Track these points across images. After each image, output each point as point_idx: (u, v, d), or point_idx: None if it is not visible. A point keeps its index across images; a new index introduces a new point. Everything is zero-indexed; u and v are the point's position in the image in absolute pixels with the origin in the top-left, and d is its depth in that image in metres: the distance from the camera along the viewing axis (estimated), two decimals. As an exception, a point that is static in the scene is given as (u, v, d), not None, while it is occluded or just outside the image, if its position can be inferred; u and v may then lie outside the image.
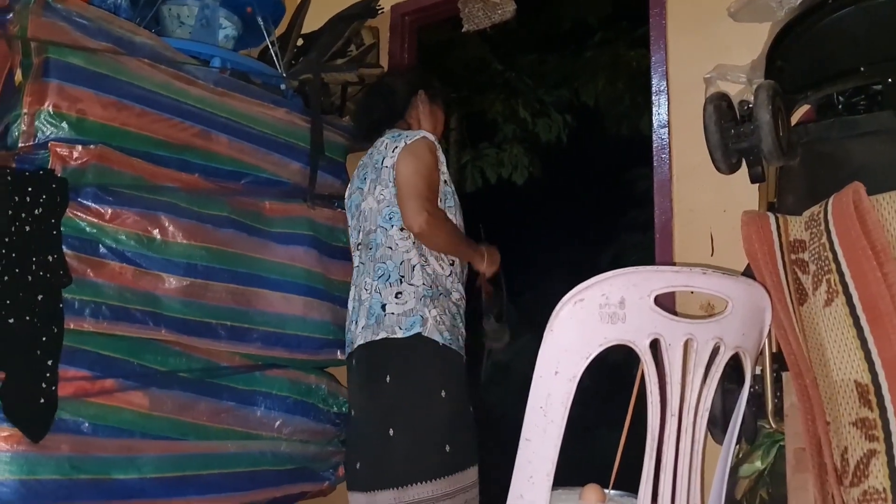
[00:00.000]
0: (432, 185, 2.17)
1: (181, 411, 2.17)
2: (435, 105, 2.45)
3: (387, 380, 2.07)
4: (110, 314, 2.04)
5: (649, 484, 1.26)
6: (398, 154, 2.18)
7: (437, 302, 2.11)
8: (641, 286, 1.24)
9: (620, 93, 6.07)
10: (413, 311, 2.08)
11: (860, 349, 1.35)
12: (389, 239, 2.16)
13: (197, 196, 2.27)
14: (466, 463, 2.07)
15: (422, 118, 2.40)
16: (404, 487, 2.00)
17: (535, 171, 6.28)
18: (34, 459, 1.88)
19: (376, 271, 2.16)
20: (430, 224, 2.08)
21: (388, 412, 2.06)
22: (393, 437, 2.03)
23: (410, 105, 2.40)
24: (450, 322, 2.13)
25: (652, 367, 1.25)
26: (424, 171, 2.15)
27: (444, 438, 2.04)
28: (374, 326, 2.11)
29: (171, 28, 2.60)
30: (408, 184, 2.13)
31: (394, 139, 2.24)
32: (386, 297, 2.11)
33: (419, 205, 2.09)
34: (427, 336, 2.06)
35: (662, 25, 2.44)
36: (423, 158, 2.17)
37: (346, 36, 2.83)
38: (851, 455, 1.33)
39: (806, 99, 1.80)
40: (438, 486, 2.01)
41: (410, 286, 2.11)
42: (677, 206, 2.35)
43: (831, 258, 1.42)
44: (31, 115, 1.97)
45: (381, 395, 2.08)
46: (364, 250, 2.25)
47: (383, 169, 2.21)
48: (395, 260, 2.14)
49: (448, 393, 2.06)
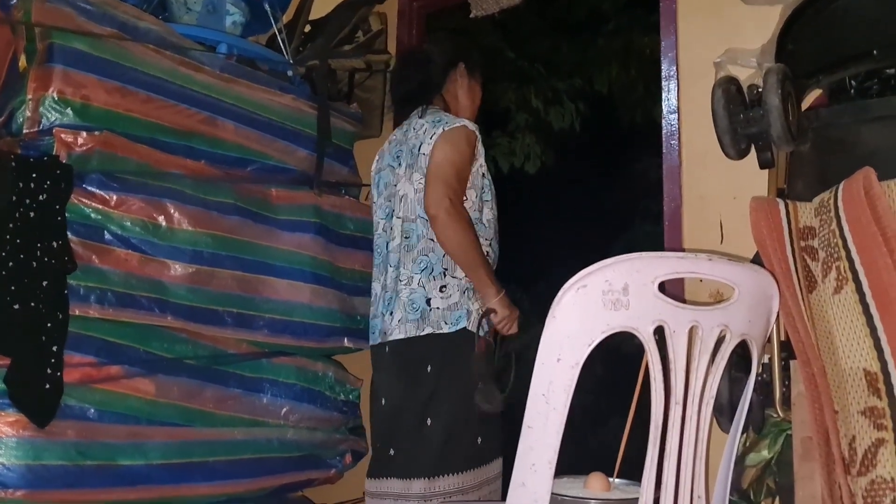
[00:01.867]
0: (462, 175, 2.11)
1: (187, 398, 2.18)
2: (473, 80, 2.37)
3: (428, 370, 2.06)
4: (116, 301, 2.05)
5: (653, 472, 1.25)
6: (435, 141, 2.11)
7: (478, 294, 2.09)
8: (645, 272, 1.23)
9: (634, 80, 6.01)
10: (458, 305, 2.06)
11: (869, 337, 1.33)
12: (431, 231, 2.09)
13: (203, 183, 2.27)
14: (493, 455, 2.09)
15: (459, 93, 2.33)
16: (434, 478, 2.01)
17: (548, 160, 6.24)
18: (40, 445, 1.90)
19: (418, 264, 2.11)
20: (449, 213, 2.00)
21: (427, 402, 2.04)
22: (430, 427, 2.03)
23: (448, 78, 2.32)
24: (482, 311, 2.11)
25: (655, 354, 1.23)
26: (458, 161, 2.09)
27: (477, 431, 2.04)
28: (417, 321, 2.07)
29: (178, 14, 2.59)
30: (437, 169, 2.07)
31: (433, 124, 2.15)
32: (430, 290, 2.08)
33: (443, 191, 2.02)
34: (472, 330, 2.04)
35: (673, 9, 2.40)
36: (459, 148, 2.11)
37: (354, 22, 2.82)
38: (859, 444, 1.31)
39: (817, 83, 1.77)
40: (467, 478, 2.02)
41: (454, 279, 2.08)
42: (687, 192, 2.32)
43: (841, 245, 1.40)
44: (36, 100, 1.97)
45: (420, 386, 2.06)
46: (401, 239, 2.17)
47: (420, 156, 2.14)
48: (437, 252, 2.09)
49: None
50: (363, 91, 2.94)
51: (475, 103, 2.37)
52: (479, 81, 2.39)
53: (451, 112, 2.28)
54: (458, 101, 2.32)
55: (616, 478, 1.48)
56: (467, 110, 2.33)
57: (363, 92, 2.94)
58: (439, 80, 2.30)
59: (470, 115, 2.32)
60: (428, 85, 2.29)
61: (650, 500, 1.26)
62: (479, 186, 2.18)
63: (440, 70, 2.31)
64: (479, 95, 2.39)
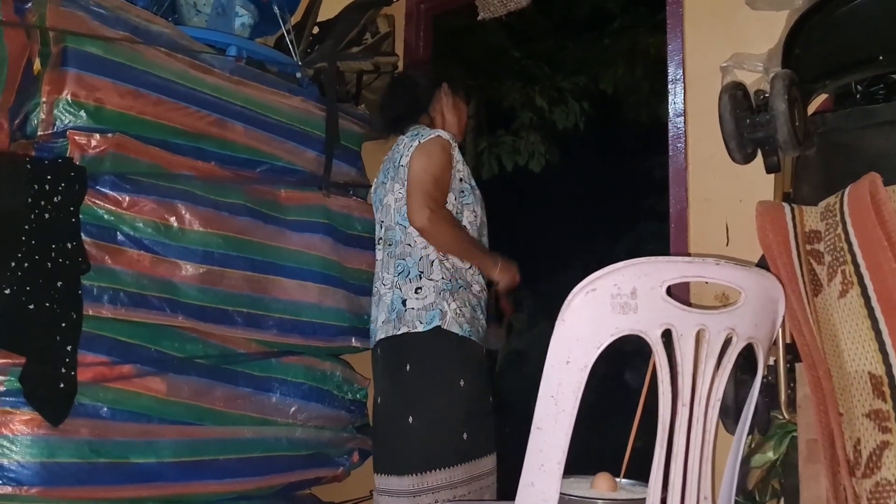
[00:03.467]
0: (441, 183, 2.19)
1: (198, 397, 2.20)
2: (458, 97, 2.46)
3: (407, 368, 2.13)
4: (128, 301, 2.07)
5: (660, 472, 1.27)
6: (412, 153, 2.21)
7: (456, 295, 2.15)
8: (653, 276, 1.24)
9: (639, 80, 6.01)
10: (433, 306, 2.13)
11: (874, 340, 1.34)
12: (408, 236, 2.20)
13: (213, 184, 2.29)
14: (483, 451, 2.11)
15: (445, 111, 2.42)
16: (423, 474, 2.05)
17: (552, 159, 6.24)
18: (54, 443, 1.92)
19: (396, 267, 2.21)
20: (432, 221, 2.11)
21: (408, 400, 2.11)
22: (412, 424, 2.08)
23: (434, 98, 2.42)
24: (470, 314, 2.16)
25: (663, 357, 1.25)
26: (433, 170, 2.18)
27: (462, 427, 2.08)
28: (395, 321, 2.16)
29: (188, 16, 2.61)
30: (414, 181, 2.17)
31: (411, 138, 2.27)
32: (406, 292, 2.16)
33: (422, 202, 2.12)
34: (446, 329, 2.11)
35: (679, 13, 2.42)
36: (434, 157, 2.20)
37: (362, 24, 2.83)
38: (864, 446, 1.33)
39: (824, 88, 1.79)
40: (456, 472, 2.05)
41: (430, 281, 2.15)
42: (692, 195, 2.33)
43: (846, 249, 1.41)
44: (50, 103, 1.99)
45: (401, 384, 2.13)
46: (385, 246, 2.30)
47: (400, 167, 2.25)
48: (414, 256, 2.19)
49: (467, 382, 2.10)
50: (371, 93, 2.96)
51: (461, 120, 2.46)
52: (464, 99, 2.49)
53: (437, 128, 2.35)
54: (444, 119, 2.41)
55: (623, 478, 1.50)
56: (453, 126, 2.41)
57: (371, 93, 2.96)
58: (425, 101, 2.41)
59: (457, 130, 2.42)
60: (414, 106, 2.40)
61: (657, 501, 1.27)
62: (457, 190, 2.26)
63: (424, 91, 2.42)
64: (464, 112, 2.49)
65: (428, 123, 2.38)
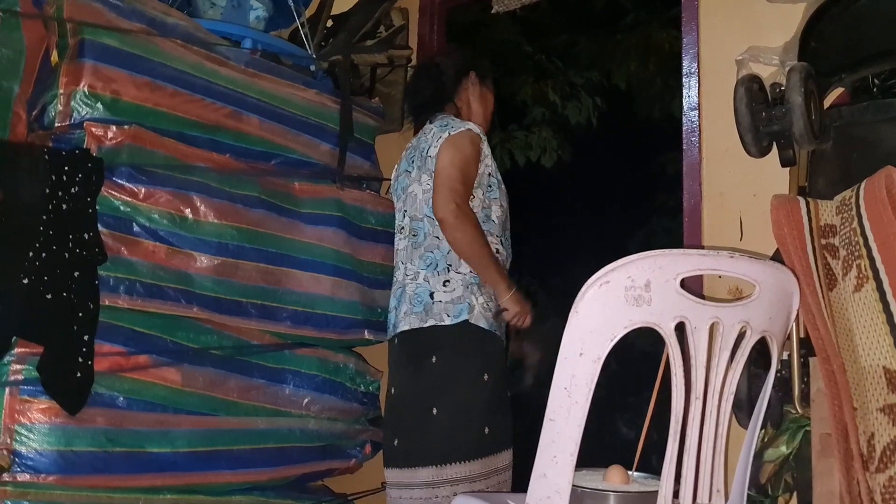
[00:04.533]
0: (467, 178, 2.17)
1: (212, 387, 2.22)
2: (485, 87, 2.44)
3: (433, 360, 2.12)
4: (144, 291, 2.09)
5: (672, 465, 1.27)
6: (441, 144, 2.19)
7: (484, 289, 2.15)
8: (667, 269, 1.25)
9: (652, 75, 5.97)
10: (461, 299, 2.12)
11: (889, 335, 1.34)
12: (436, 228, 2.18)
13: (228, 176, 2.30)
14: (502, 446, 2.12)
15: (471, 100, 2.40)
16: (442, 466, 2.05)
17: (564, 155, 6.22)
18: (71, 432, 1.94)
19: (424, 260, 2.19)
20: (456, 216, 2.09)
21: (432, 392, 2.10)
22: (435, 416, 2.08)
23: (460, 87, 2.40)
24: (495, 309, 2.16)
25: (677, 349, 1.25)
26: (461, 164, 2.16)
27: (483, 421, 2.09)
28: (421, 314, 2.15)
29: (203, 9, 2.62)
30: (442, 174, 2.15)
31: (441, 128, 2.24)
32: (434, 285, 2.15)
33: (449, 196, 2.11)
34: (473, 323, 2.11)
35: (695, 6, 2.40)
36: (463, 150, 2.18)
37: (376, 17, 2.83)
38: (878, 441, 1.33)
39: (840, 81, 1.78)
40: (475, 466, 2.06)
41: (458, 274, 2.15)
42: (706, 189, 2.33)
43: (862, 243, 1.41)
44: (67, 95, 2.01)
45: (426, 376, 2.13)
46: (409, 236, 2.27)
47: (428, 158, 2.23)
48: (442, 249, 2.17)
49: (490, 377, 2.11)
50: (385, 86, 2.96)
51: (487, 109, 2.44)
52: (491, 89, 2.46)
53: (464, 119, 2.33)
54: (471, 108, 2.39)
55: (635, 471, 1.50)
56: (479, 116, 2.39)
57: (385, 87, 2.96)
58: (451, 89, 2.38)
59: (482, 120, 2.39)
60: (440, 94, 2.37)
61: (670, 494, 1.28)
62: (485, 185, 2.25)
63: (452, 79, 2.39)
64: (491, 102, 2.46)
65: (454, 112, 2.35)
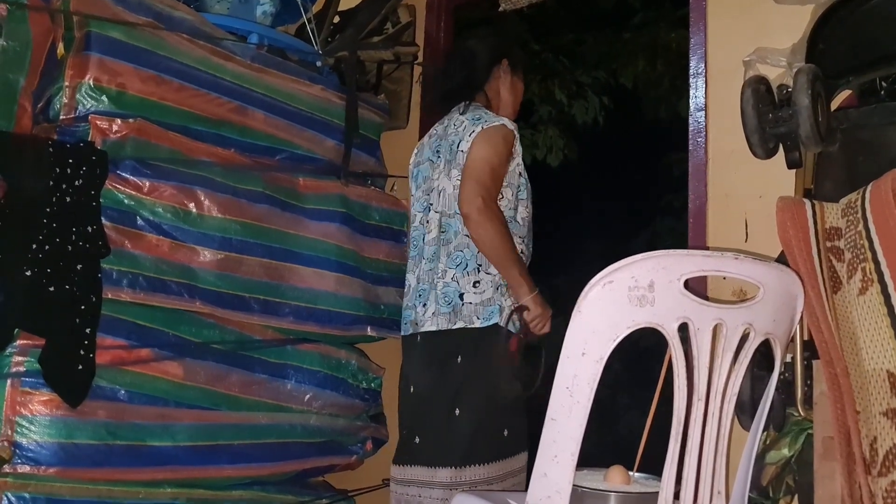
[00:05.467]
0: (498, 175, 2.11)
1: (214, 382, 2.22)
2: (516, 76, 2.36)
3: (458, 360, 2.09)
4: (147, 285, 2.09)
5: (673, 466, 1.27)
6: (474, 139, 2.12)
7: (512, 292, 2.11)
8: (671, 269, 1.24)
9: (659, 75, 5.96)
10: (491, 301, 2.09)
11: (893, 339, 1.33)
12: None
13: (232, 171, 2.31)
14: (519, 448, 2.12)
15: (502, 90, 2.32)
16: (461, 468, 2.04)
17: (571, 154, 6.21)
18: (72, 424, 1.94)
19: (453, 259, 2.14)
20: (481, 212, 2.01)
21: (456, 393, 2.07)
22: (458, 417, 2.06)
23: (492, 74, 2.31)
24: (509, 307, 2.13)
25: (680, 350, 1.25)
26: (494, 160, 2.10)
27: (504, 423, 2.08)
28: (449, 314, 2.11)
29: (211, 3, 2.62)
30: (473, 168, 2.08)
31: (473, 122, 2.16)
32: (464, 285, 2.10)
33: (476, 190, 2.04)
34: (504, 326, 2.08)
35: (703, 6, 2.39)
36: (497, 147, 2.11)
37: (383, 14, 2.83)
38: (881, 445, 1.32)
39: (848, 84, 1.77)
40: (493, 469, 2.05)
41: (488, 275, 2.11)
42: (712, 190, 2.32)
43: (867, 246, 1.40)
44: (73, 87, 2.01)
45: (450, 376, 2.09)
46: (436, 231, 2.19)
47: (459, 153, 2.15)
48: (472, 248, 2.11)
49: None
50: (391, 82, 2.96)
51: (517, 100, 2.36)
52: (522, 78, 2.38)
53: (493, 108, 2.27)
54: (501, 98, 2.31)
55: (636, 471, 1.50)
56: (509, 107, 2.32)
57: (391, 83, 2.96)
58: (483, 77, 2.30)
59: (512, 111, 2.32)
60: (472, 81, 2.29)
61: (670, 495, 1.27)
62: (515, 185, 2.19)
63: (484, 66, 2.30)
64: (521, 92, 2.38)
65: (484, 102, 2.27)
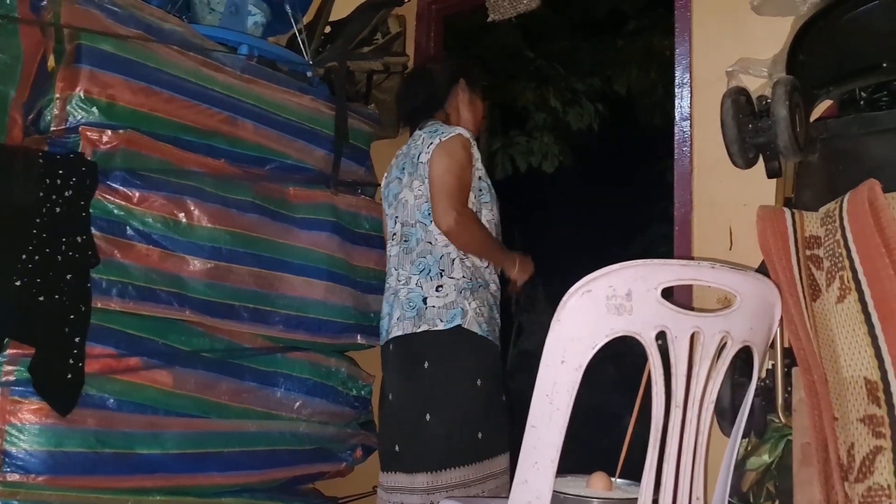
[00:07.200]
0: (463, 183, 2.20)
1: (204, 390, 2.23)
2: (475, 94, 2.46)
3: (425, 366, 2.13)
4: (136, 294, 2.10)
5: (652, 473, 1.28)
6: (433, 151, 2.21)
7: (476, 294, 2.17)
8: (649, 279, 1.25)
9: (653, 82, 5.98)
10: (454, 304, 2.13)
11: (870, 346, 1.35)
12: (429, 234, 2.20)
13: (222, 181, 2.32)
14: (497, 450, 2.13)
15: (461, 107, 2.42)
16: (437, 472, 2.06)
17: (566, 160, 6.23)
18: (61, 432, 1.95)
19: (416, 265, 2.20)
20: (459, 223, 2.12)
21: (426, 398, 2.11)
22: (429, 423, 2.09)
23: (451, 94, 2.42)
24: (488, 314, 2.18)
25: (657, 358, 1.26)
26: (456, 170, 2.18)
27: (477, 426, 2.10)
28: (414, 319, 2.16)
29: (202, 14, 2.65)
30: (439, 182, 2.17)
31: (430, 134, 2.26)
32: (427, 290, 2.16)
33: (448, 204, 2.13)
34: (467, 328, 2.12)
35: (687, 17, 2.42)
36: (456, 156, 2.20)
37: (373, 24, 2.85)
38: (858, 451, 1.33)
39: (828, 94, 1.79)
40: (470, 471, 2.07)
41: (451, 279, 2.16)
42: (697, 199, 2.34)
43: (845, 255, 1.41)
44: (63, 99, 2.03)
45: (419, 381, 2.14)
46: (401, 242, 2.28)
47: (419, 164, 2.25)
48: (434, 254, 2.18)
49: (484, 382, 2.12)
50: (380, 92, 2.98)
51: (477, 116, 2.46)
52: (480, 96, 2.49)
53: (453, 125, 2.35)
54: (461, 115, 2.42)
55: (618, 478, 1.51)
56: (469, 123, 2.41)
57: (380, 93, 2.98)
58: (442, 96, 2.41)
59: (472, 127, 2.41)
60: (431, 100, 2.40)
61: (649, 501, 1.29)
62: (476, 189, 2.26)
63: (443, 87, 2.42)
64: (480, 109, 2.48)
65: (444, 119, 2.38)
